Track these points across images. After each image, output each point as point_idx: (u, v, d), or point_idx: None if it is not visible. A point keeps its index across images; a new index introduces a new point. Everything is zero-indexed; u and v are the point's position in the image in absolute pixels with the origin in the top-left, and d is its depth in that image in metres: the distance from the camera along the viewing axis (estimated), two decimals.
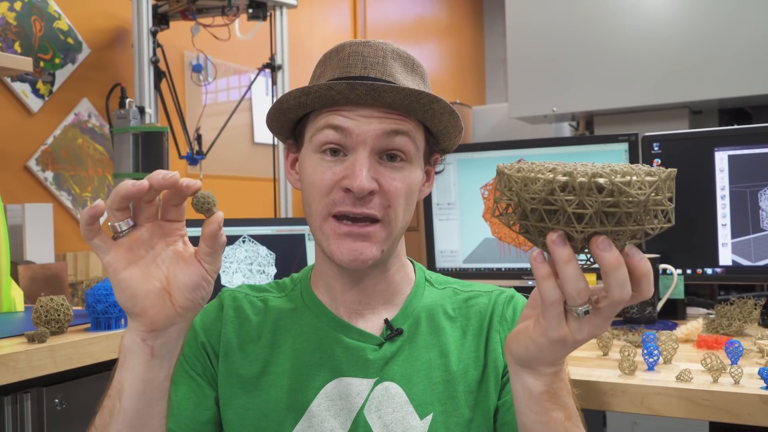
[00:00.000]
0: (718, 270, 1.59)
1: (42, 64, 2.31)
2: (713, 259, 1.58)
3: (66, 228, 2.37)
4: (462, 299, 0.96)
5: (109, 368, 0.75)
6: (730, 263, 1.57)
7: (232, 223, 1.64)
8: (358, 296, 0.92)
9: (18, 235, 1.99)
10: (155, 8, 2.51)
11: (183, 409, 0.88)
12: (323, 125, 0.85)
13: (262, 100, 3.28)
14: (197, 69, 2.86)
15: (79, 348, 1.29)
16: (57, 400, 1.29)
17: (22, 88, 2.25)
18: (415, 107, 0.85)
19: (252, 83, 2.97)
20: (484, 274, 1.80)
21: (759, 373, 1.02)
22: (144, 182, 0.67)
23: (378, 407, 0.87)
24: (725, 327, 1.40)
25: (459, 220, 1.82)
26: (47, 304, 1.33)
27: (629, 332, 1.40)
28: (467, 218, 1.81)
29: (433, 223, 1.86)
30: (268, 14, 2.68)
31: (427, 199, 1.85)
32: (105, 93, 2.45)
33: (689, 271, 1.60)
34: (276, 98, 2.75)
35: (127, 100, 2.29)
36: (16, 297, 1.66)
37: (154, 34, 2.44)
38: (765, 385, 1.02)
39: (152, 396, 0.73)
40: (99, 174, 2.50)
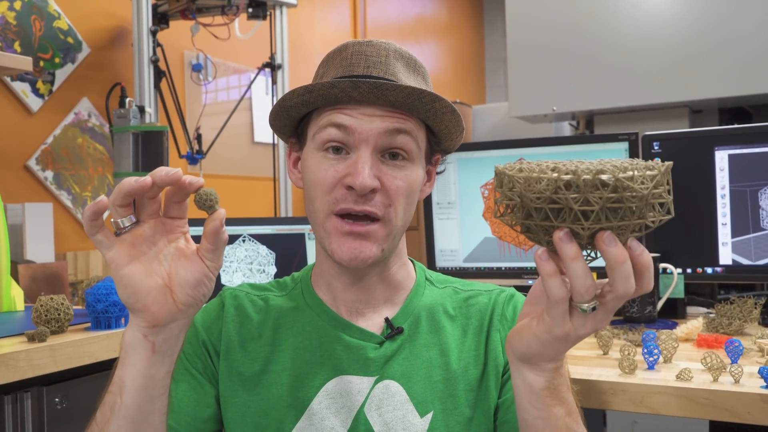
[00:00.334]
0: (718, 269, 1.59)
1: (42, 64, 2.31)
2: (713, 259, 1.59)
3: (66, 227, 2.37)
4: (462, 298, 0.96)
5: (110, 367, 0.75)
6: (730, 262, 1.57)
7: (232, 223, 1.64)
8: (359, 295, 0.92)
9: (18, 235, 1.99)
10: (155, 7, 2.51)
11: (184, 407, 0.88)
12: (326, 123, 0.86)
13: (262, 100, 3.28)
14: (197, 68, 2.86)
15: (79, 347, 1.30)
16: (57, 400, 1.29)
17: (22, 88, 2.25)
18: (417, 106, 0.85)
19: (252, 82, 2.97)
20: (484, 274, 1.80)
21: (759, 372, 1.03)
22: (147, 179, 0.67)
23: (378, 405, 0.87)
24: (725, 326, 1.40)
25: (459, 220, 1.82)
26: (47, 304, 1.33)
27: (629, 331, 1.40)
28: (467, 217, 1.81)
29: (433, 223, 1.86)
30: (268, 13, 2.68)
31: (428, 199, 1.85)
32: (105, 92, 2.45)
33: (689, 271, 1.60)
34: (276, 98, 2.76)
35: (127, 100, 2.29)
36: (16, 296, 1.66)
37: (154, 34, 2.44)
38: (765, 384, 1.02)
39: (153, 392, 0.73)
40: (99, 173, 2.50)
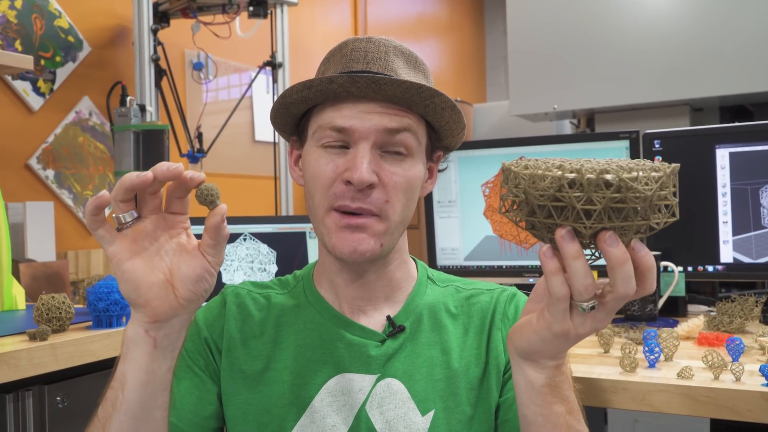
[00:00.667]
0: (719, 267, 1.58)
1: (43, 63, 2.31)
2: (714, 257, 1.58)
3: (67, 226, 2.37)
4: (464, 297, 0.96)
5: (111, 366, 0.76)
6: (731, 260, 1.57)
7: (233, 221, 1.64)
8: (360, 292, 0.92)
9: (19, 234, 1.99)
10: (156, 6, 2.51)
11: (185, 404, 0.89)
12: (327, 125, 0.86)
13: (263, 98, 3.28)
14: (198, 67, 2.86)
15: (81, 346, 1.30)
16: (58, 398, 1.29)
17: (23, 87, 2.25)
18: (416, 101, 0.85)
19: (253, 81, 2.97)
20: (485, 272, 1.80)
21: (760, 370, 1.03)
22: (148, 174, 0.67)
23: (380, 403, 0.87)
24: (726, 324, 1.40)
25: (460, 218, 1.82)
26: (48, 302, 1.33)
27: (630, 330, 1.40)
28: (468, 216, 1.81)
29: (434, 221, 1.86)
30: (269, 12, 2.68)
31: (428, 197, 1.85)
32: (106, 91, 2.45)
33: (690, 269, 1.60)
34: (277, 96, 2.75)
35: (128, 98, 2.29)
36: (18, 295, 1.66)
37: (155, 32, 2.44)
38: (766, 382, 1.02)
39: (155, 387, 0.73)
40: (100, 172, 2.50)
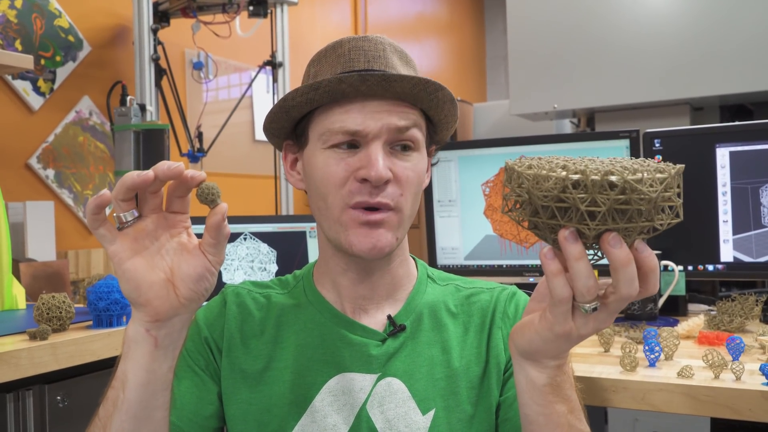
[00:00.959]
0: (720, 266, 1.58)
1: (43, 62, 2.31)
2: (714, 256, 1.58)
3: (67, 225, 2.37)
4: (464, 296, 0.96)
5: (111, 365, 0.76)
6: (732, 260, 1.57)
7: (234, 221, 1.64)
8: (364, 290, 0.92)
9: (19, 233, 1.99)
10: (156, 6, 2.51)
11: (186, 404, 0.89)
12: (336, 129, 0.85)
13: (263, 98, 3.28)
14: (198, 66, 2.86)
15: (81, 345, 1.30)
16: (59, 398, 1.29)
17: (23, 86, 2.25)
18: (422, 96, 0.86)
19: (253, 81, 2.97)
20: (486, 271, 1.80)
21: (760, 369, 1.03)
22: (149, 173, 0.67)
23: (381, 403, 0.87)
24: (726, 323, 1.40)
25: (460, 217, 1.82)
26: (49, 302, 1.33)
27: (630, 329, 1.41)
28: (468, 215, 1.81)
29: (434, 220, 1.86)
30: (269, 11, 2.68)
31: (428, 196, 1.85)
32: (106, 91, 2.45)
33: (690, 268, 1.60)
34: (277, 96, 2.75)
35: (128, 98, 2.29)
36: (18, 294, 1.66)
37: (155, 32, 2.44)
38: (766, 381, 1.02)
39: (156, 387, 0.73)
40: (100, 171, 2.50)
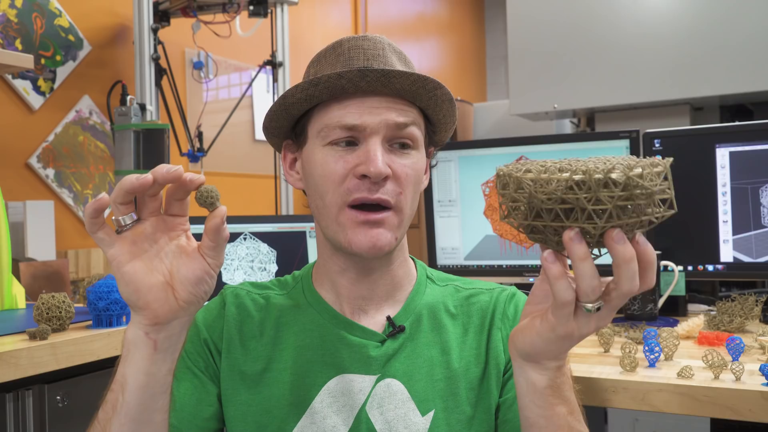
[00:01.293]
0: (720, 266, 1.58)
1: (43, 62, 2.31)
2: (714, 256, 1.58)
3: (67, 225, 2.37)
4: (463, 297, 0.96)
5: (111, 365, 0.76)
6: (732, 260, 1.57)
7: (234, 221, 1.64)
8: (363, 291, 0.92)
9: (19, 233, 1.99)
10: (156, 5, 2.51)
11: (185, 405, 0.88)
12: (334, 124, 0.85)
13: (263, 97, 3.28)
14: (198, 66, 2.86)
15: (81, 345, 1.30)
16: (58, 398, 1.29)
17: (23, 86, 2.25)
18: (421, 93, 0.86)
19: (253, 80, 2.97)
20: (486, 271, 1.80)
21: (760, 370, 1.03)
22: (148, 176, 0.67)
23: (380, 404, 0.87)
24: (726, 323, 1.40)
25: (460, 217, 1.82)
26: (48, 302, 1.33)
27: (630, 329, 1.40)
28: (468, 215, 1.81)
29: (434, 220, 1.86)
30: (269, 11, 2.68)
31: (428, 196, 1.85)
32: (106, 90, 2.45)
33: (690, 268, 1.60)
34: (277, 95, 2.75)
35: (128, 98, 2.29)
36: (18, 294, 1.66)
37: (155, 31, 2.44)
38: (766, 382, 1.02)
39: (155, 390, 0.73)
40: (100, 171, 2.50)
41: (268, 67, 2.79)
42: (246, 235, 1.64)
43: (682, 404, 1.04)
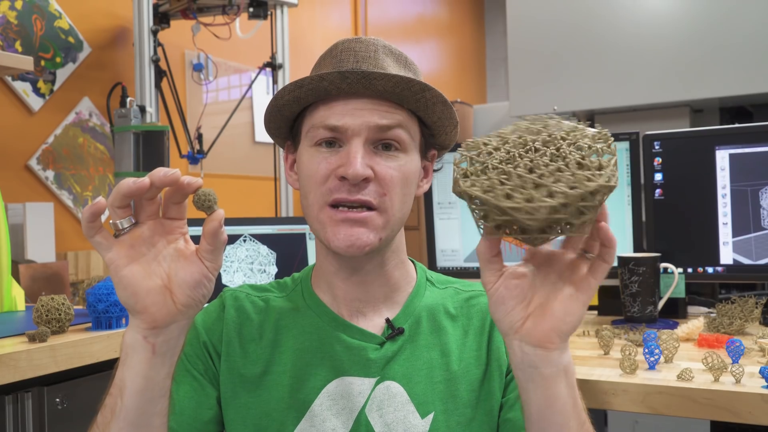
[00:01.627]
0: (719, 269, 1.58)
1: (43, 63, 2.31)
2: (714, 258, 1.58)
3: (67, 227, 2.37)
4: (463, 298, 0.96)
5: (110, 368, 0.75)
6: (731, 262, 1.57)
7: (233, 223, 1.63)
8: (358, 292, 0.92)
9: (19, 234, 1.99)
10: (156, 7, 2.51)
11: (185, 409, 0.88)
12: (319, 125, 0.87)
13: (263, 99, 3.28)
14: (198, 68, 2.86)
15: (80, 347, 1.29)
16: (58, 400, 1.29)
17: (23, 87, 2.25)
18: (407, 95, 0.86)
19: (253, 82, 2.97)
20: None
21: (760, 372, 1.02)
22: (145, 180, 0.67)
23: (379, 406, 0.87)
24: (726, 326, 1.40)
25: (460, 219, 1.82)
26: (48, 304, 1.33)
27: (630, 331, 1.40)
28: (468, 217, 1.81)
29: (434, 222, 1.85)
30: (269, 13, 2.68)
31: (428, 198, 1.85)
32: (106, 92, 2.45)
33: (690, 270, 1.60)
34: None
35: (128, 99, 2.29)
36: (17, 296, 1.66)
37: (155, 33, 2.44)
38: (766, 384, 1.02)
39: (154, 394, 0.73)
40: (100, 173, 2.50)
41: (268, 69, 2.79)
42: (246, 237, 1.64)
43: (682, 407, 1.04)
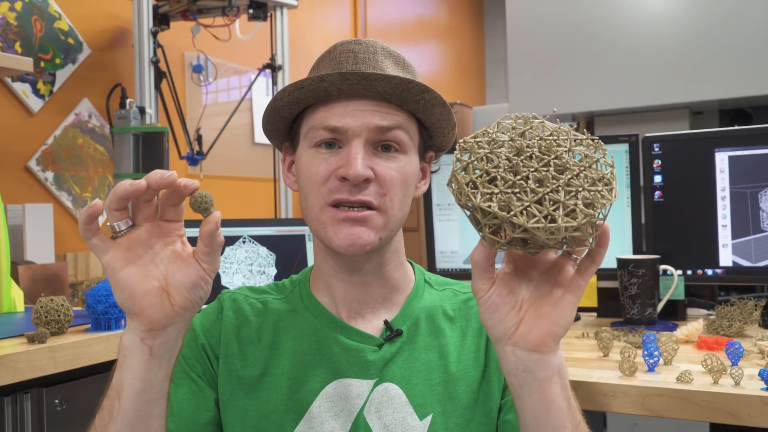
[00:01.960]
0: (719, 271, 1.58)
1: (42, 65, 2.31)
2: (713, 260, 1.58)
3: (66, 228, 2.37)
4: (461, 300, 0.96)
5: (109, 369, 0.75)
6: (731, 264, 1.57)
7: (233, 224, 1.63)
8: (357, 294, 0.92)
9: (18, 236, 1.99)
10: (156, 8, 2.51)
11: (183, 411, 0.88)
12: (319, 126, 0.87)
13: (263, 101, 3.28)
14: (198, 69, 2.86)
15: (79, 348, 1.29)
16: (57, 401, 1.29)
17: (23, 89, 2.25)
18: (406, 97, 0.86)
19: (252, 83, 2.97)
20: None
21: (759, 375, 1.02)
22: (142, 182, 0.67)
23: (378, 408, 0.87)
24: (725, 328, 1.40)
25: (459, 221, 1.82)
26: (47, 305, 1.33)
27: (629, 333, 1.40)
28: (468, 219, 1.80)
29: (434, 224, 1.85)
30: (269, 14, 2.68)
31: (428, 200, 1.85)
32: (105, 93, 2.45)
33: (689, 272, 1.60)
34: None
35: (128, 101, 2.29)
36: (17, 297, 1.66)
37: (155, 35, 2.44)
38: (765, 387, 1.02)
39: (151, 396, 0.73)
40: (99, 174, 2.50)
41: (268, 71, 2.79)
42: (245, 239, 1.64)
43: (682, 409, 1.04)
